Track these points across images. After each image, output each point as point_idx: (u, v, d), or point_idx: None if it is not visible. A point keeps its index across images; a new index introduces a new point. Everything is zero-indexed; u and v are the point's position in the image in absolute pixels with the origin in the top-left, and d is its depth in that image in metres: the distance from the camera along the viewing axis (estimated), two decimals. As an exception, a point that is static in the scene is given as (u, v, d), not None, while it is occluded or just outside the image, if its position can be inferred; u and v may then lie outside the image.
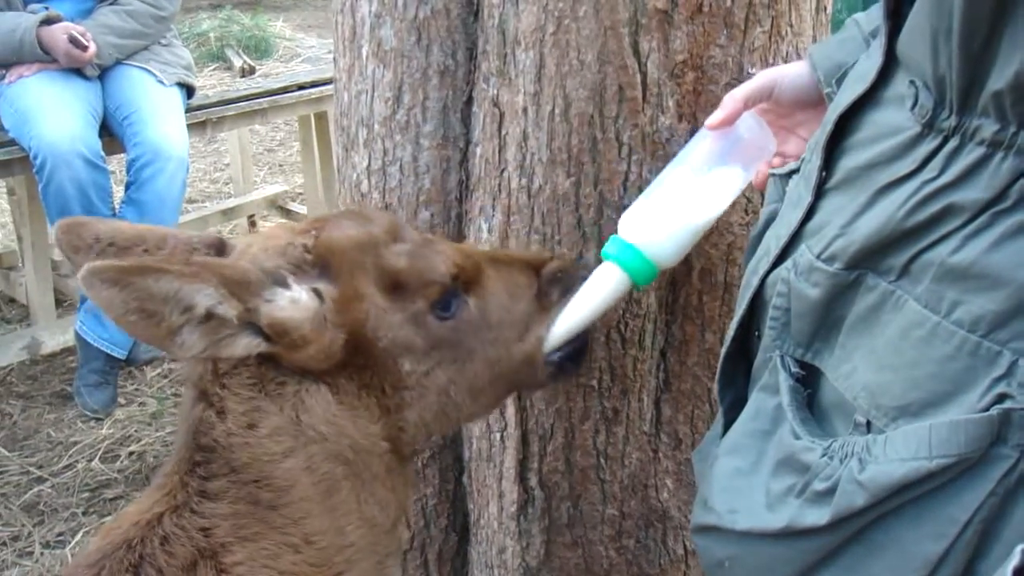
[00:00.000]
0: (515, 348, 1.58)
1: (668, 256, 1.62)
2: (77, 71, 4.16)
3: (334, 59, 2.16)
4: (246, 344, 1.34)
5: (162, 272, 1.24)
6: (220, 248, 1.51)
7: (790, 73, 1.55)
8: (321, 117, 5.03)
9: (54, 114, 3.95)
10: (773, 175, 1.57)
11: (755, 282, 1.37)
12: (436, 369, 1.50)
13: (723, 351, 1.46)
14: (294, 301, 1.37)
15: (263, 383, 1.39)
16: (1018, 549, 0.71)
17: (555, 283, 1.63)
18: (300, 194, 5.87)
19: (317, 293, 1.40)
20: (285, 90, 4.80)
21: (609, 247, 1.63)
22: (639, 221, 1.62)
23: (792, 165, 1.48)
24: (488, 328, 1.55)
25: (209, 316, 1.30)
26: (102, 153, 4.03)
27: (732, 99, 1.57)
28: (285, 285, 1.38)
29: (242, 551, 1.34)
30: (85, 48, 4.04)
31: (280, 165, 6.78)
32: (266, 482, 1.37)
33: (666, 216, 1.61)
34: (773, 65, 1.82)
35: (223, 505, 1.35)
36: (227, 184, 6.30)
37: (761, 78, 1.57)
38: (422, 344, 1.48)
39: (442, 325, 1.50)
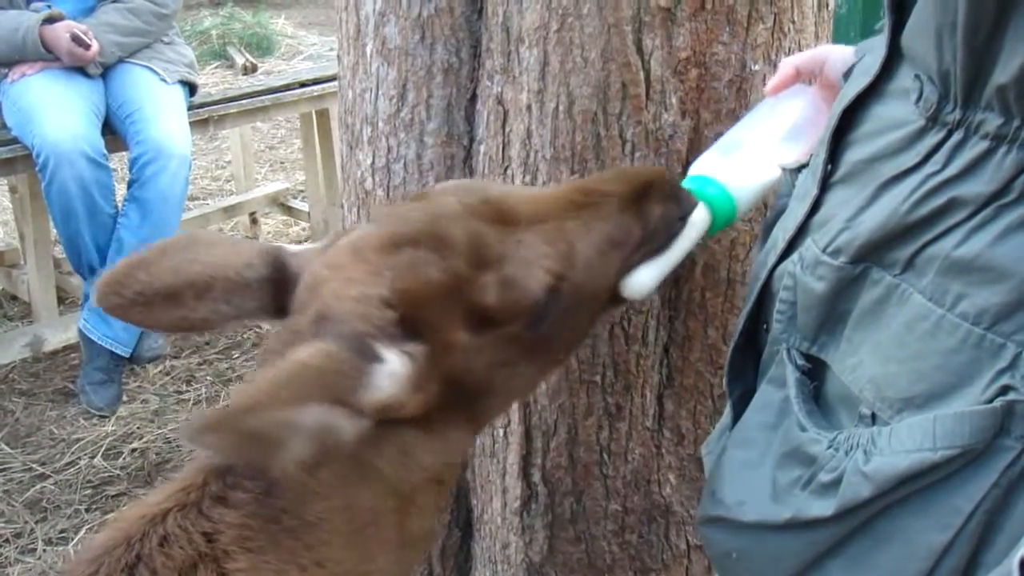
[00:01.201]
0: (600, 312, 1.49)
1: (747, 202, 1.58)
2: (80, 69, 4.17)
3: (338, 57, 2.16)
4: (353, 430, 1.21)
5: (265, 408, 1.14)
6: (277, 265, 1.40)
7: (839, 54, 1.56)
8: (323, 114, 5.04)
9: (57, 112, 3.95)
10: (784, 169, 1.58)
11: (763, 275, 1.38)
12: (523, 367, 1.42)
13: (732, 344, 1.46)
14: (390, 375, 1.24)
15: None
16: (1024, 540, 0.72)
17: (656, 235, 1.47)
18: (301, 191, 5.88)
19: (408, 355, 1.27)
20: (287, 87, 4.81)
21: (691, 184, 1.54)
22: (721, 164, 1.57)
23: (803, 159, 1.49)
24: (578, 306, 1.43)
25: (318, 431, 1.18)
26: (105, 151, 4.04)
27: (787, 64, 1.58)
28: (378, 360, 1.24)
29: (245, 560, 1.29)
30: (88, 46, 4.05)
31: (281, 162, 6.79)
32: (295, 513, 1.31)
33: (746, 164, 1.58)
34: (776, 62, 1.83)
35: (235, 514, 1.30)
36: (229, 181, 6.31)
37: (815, 51, 1.58)
38: (514, 356, 1.39)
39: (536, 334, 1.39)
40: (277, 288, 1.40)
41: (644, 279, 1.47)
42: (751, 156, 1.60)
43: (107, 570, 1.29)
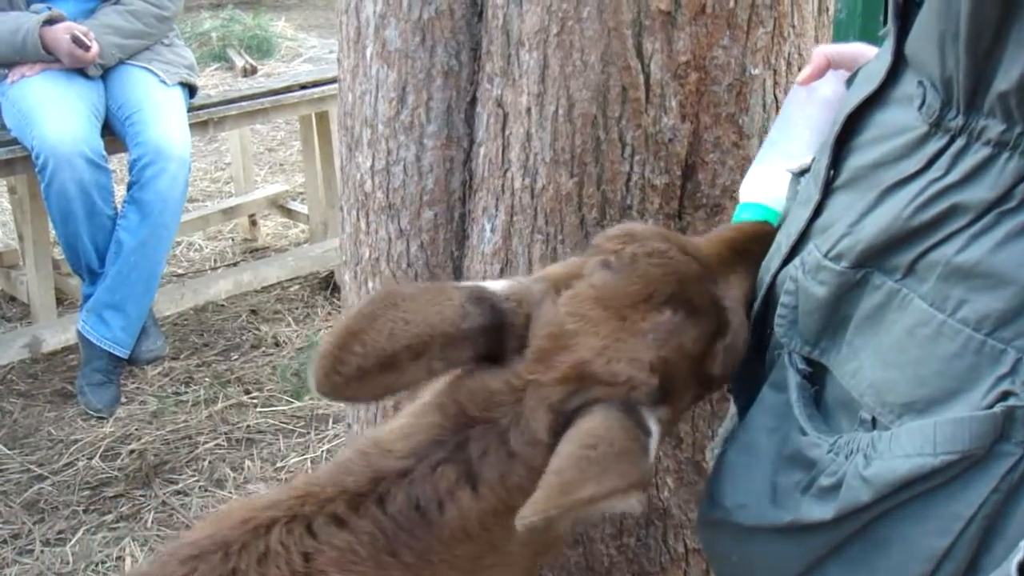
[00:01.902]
0: None
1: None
2: (80, 71, 4.17)
3: (338, 60, 2.17)
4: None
5: (598, 500, 1.15)
6: (493, 312, 1.32)
7: (872, 54, 1.56)
8: (322, 117, 5.04)
9: (56, 114, 3.95)
10: (790, 173, 1.58)
11: (767, 279, 1.38)
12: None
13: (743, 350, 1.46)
14: (652, 448, 1.26)
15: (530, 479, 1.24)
16: (1022, 543, 0.72)
17: None
18: (301, 193, 5.88)
19: (659, 422, 1.28)
20: (287, 90, 4.81)
21: (743, 213, 1.59)
22: (762, 185, 1.60)
23: (805, 163, 1.49)
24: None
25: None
26: (104, 153, 4.04)
27: (820, 53, 1.57)
28: (647, 433, 1.25)
29: None
30: (88, 48, 4.05)
31: (281, 164, 6.79)
32: (422, 552, 1.28)
33: (784, 175, 1.57)
34: (776, 66, 1.83)
35: (345, 536, 1.27)
36: (228, 183, 6.31)
37: (850, 47, 1.57)
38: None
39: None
40: (493, 335, 1.32)
41: None
42: (788, 159, 1.59)
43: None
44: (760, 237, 1.47)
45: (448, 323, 1.29)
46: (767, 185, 1.60)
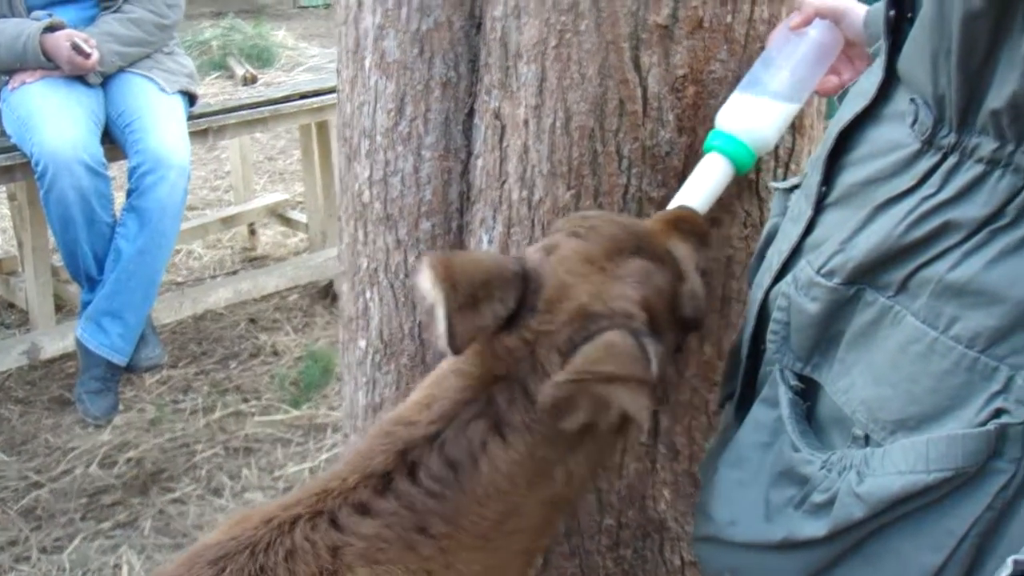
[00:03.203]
0: None
1: (766, 142, 1.71)
2: (80, 78, 4.16)
3: (337, 70, 2.17)
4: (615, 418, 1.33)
5: (623, 386, 1.28)
6: (525, 276, 1.44)
7: (859, 12, 1.59)
8: (322, 126, 5.04)
9: (56, 121, 3.95)
10: (776, 189, 1.59)
11: (759, 296, 1.38)
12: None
13: (741, 370, 1.46)
14: (651, 370, 1.34)
15: (562, 434, 1.36)
16: (1010, 560, 0.72)
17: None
18: (300, 203, 5.88)
19: (658, 359, 1.37)
20: (287, 99, 4.80)
21: (712, 140, 1.69)
22: (737, 113, 1.70)
23: (794, 180, 1.50)
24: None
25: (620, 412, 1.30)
26: (104, 160, 4.03)
27: (809, 4, 1.64)
28: (648, 357, 1.35)
29: (366, 572, 1.28)
30: (88, 55, 4.05)
31: (280, 173, 6.80)
32: (452, 517, 1.33)
33: (761, 106, 1.68)
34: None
35: (371, 524, 1.30)
36: (227, 192, 6.31)
37: (835, 2, 1.63)
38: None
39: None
40: (524, 287, 1.45)
41: None
42: (769, 96, 1.69)
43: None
44: (688, 217, 1.62)
45: (502, 266, 1.44)
46: (742, 116, 1.69)
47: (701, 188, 1.67)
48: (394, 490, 1.32)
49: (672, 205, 1.65)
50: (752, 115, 1.69)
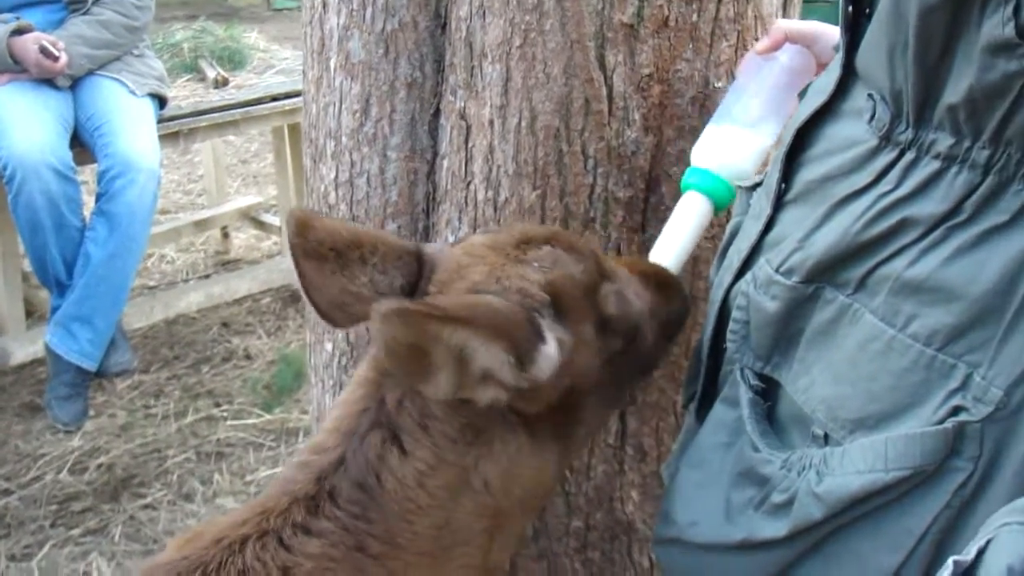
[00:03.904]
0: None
1: (744, 175, 1.66)
2: (48, 81, 4.14)
3: (303, 71, 2.15)
4: (493, 396, 1.27)
5: (465, 324, 1.19)
6: (420, 259, 1.45)
7: (828, 36, 1.57)
8: (295, 129, 5.01)
9: (24, 125, 3.92)
10: (739, 187, 1.58)
11: (720, 295, 1.37)
12: (604, 404, 1.48)
13: (702, 369, 1.45)
14: (549, 357, 1.28)
15: (464, 432, 1.32)
16: (950, 561, 0.71)
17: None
18: (273, 205, 5.85)
19: (559, 342, 1.31)
20: (259, 101, 4.78)
21: (688, 178, 1.66)
22: (711, 148, 1.67)
23: (757, 178, 1.49)
24: (640, 357, 1.50)
25: (482, 371, 1.24)
26: (72, 164, 4.01)
27: (778, 28, 1.63)
28: (542, 338, 1.28)
29: None
30: (56, 58, 4.02)
31: (254, 177, 6.77)
32: (385, 537, 1.30)
33: (735, 138, 1.65)
34: (739, 79, 1.83)
35: (316, 544, 1.27)
36: (200, 195, 6.28)
37: (809, 25, 1.62)
38: (608, 381, 1.44)
39: (626, 361, 1.45)
40: (418, 269, 1.45)
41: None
42: (743, 127, 1.66)
43: None
44: (659, 270, 1.58)
45: (392, 239, 1.46)
46: (717, 151, 1.66)
47: (683, 229, 1.63)
48: (324, 513, 1.29)
49: (655, 248, 1.61)
50: (727, 148, 1.65)
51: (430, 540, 1.32)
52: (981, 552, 0.74)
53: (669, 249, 1.61)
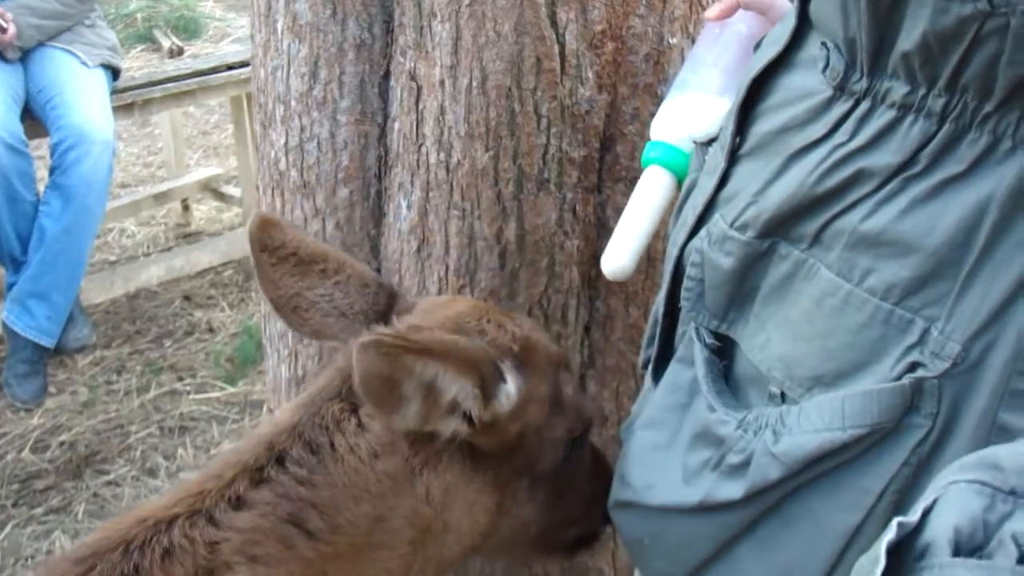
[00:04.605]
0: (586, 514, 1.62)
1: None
2: (-3, 53, 4.06)
3: (251, 35, 2.10)
4: (455, 428, 1.34)
5: (439, 359, 1.26)
6: (391, 297, 1.56)
7: (783, 3, 1.52)
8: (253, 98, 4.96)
9: (-27, 98, 3.86)
10: (695, 143, 1.55)
11: (675, 253, 1.34)
12: (535, 502, 1.51)
13: (658, 330, 1.42)
14: (508, 397, 1.38)
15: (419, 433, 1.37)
16: (894, 523, 0.69)
17: None
18: (234, 177, 5.79)
19: (518, 388, 1.40)
20: (214, 70, 4.72)
21: (649, 152, 1.60)
22: (671, 122, 1.60)
23: (712, 133, 1.46)
24: (573, 485, 1.57)
25: (449, 403, 1.31)
26: (24, 138, 3.94)
27: None
28: (504, 380, 1.38)
29: (246, 570, 1.23)
30: (3, 30, 3.95)
31: (214, 148, 6.68)
32: (328, 513, 1.30)
33: (694, 105, 1.58)
34: (694, 36, 1.79)
35: (247, 516, 1.26)
36: (160, 168, 6.20)
37: None
38: (546, 470, 1.50)
39: (562, 464, 1.52)
40: (386, 302, 1.56)
41: (623, 257, 1.52)
42: (701, 96, 1.59)
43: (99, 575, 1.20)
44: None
45: (362, 267, 1.56)
46: (677, 123, 1.59)
47: (647, 206, 1.57)
48: (267, 480, 1.29)
49: (619, 226, 1.56)
50: (686, 118, 1.59)
51: (363, 532, 1.32)
52: (927, 512, 0.71)
53: (633, 228, 1.55)
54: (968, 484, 0.72)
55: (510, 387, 1.38)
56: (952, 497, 0.71)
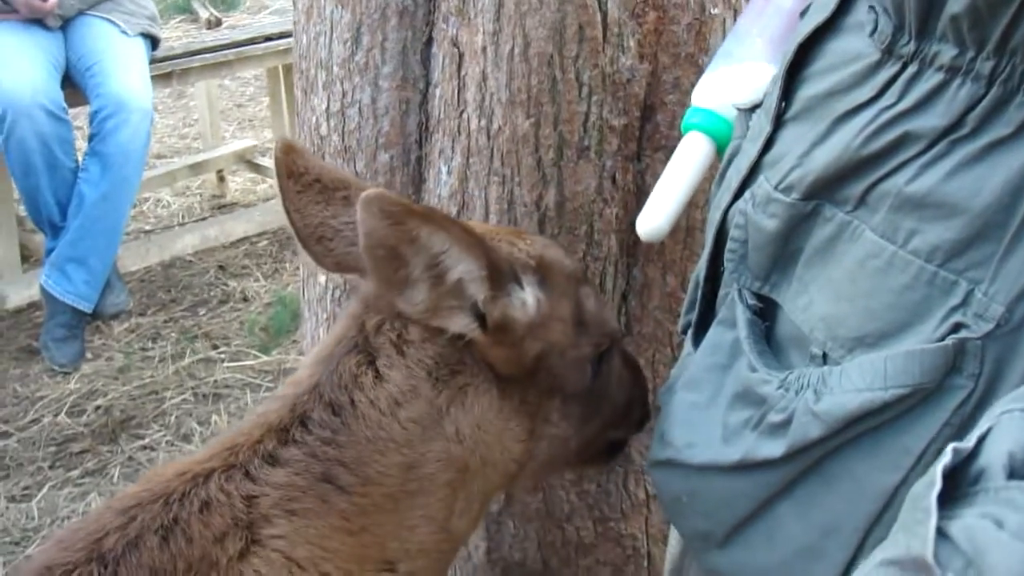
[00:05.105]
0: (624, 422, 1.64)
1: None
2: (38, 22, 4.10)
3: (293, 1, 2.11)
4: (465, 324, 1.33)
5: (444, 229, 1.24)
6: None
7: None
8: (289, 69, 4.97)
9: (15, 66, 3.89)
10: (739, 109, 1.55)
11: (718, 217, 1.35)
12: (570, 419, 1.50)
13: (699, 294, 1.43)
14: (524, 303, 1.37)
15: (439, 365, 1.36)
16: (950, 448, 0.69)
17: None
18: (269, 148, 5.81)
19: (538, 300, 1.40)
20: (252, 41, 4.74)
21: (690, 118, 1.60)
22: (714, 89, 1.60)
23: (756, 99, 1.46)
24: (606, 397, 1.56)
25: (455, 286, 1.29)
26: (64, 105, 3.98)
27: None
28: (521, 285, 1.38)
29: (286, 524, 1.25)
30: (46, -1, 3.98)
31: (250, 120, 6.71)
32: (357, 467, 1.30)
33: (738, 73, 1.58)
34: (736, 6, 1.79)
35: (282, 473, 1.27)
36: (196, 140, 6.24)
37: None
38: (574, 387, 1.48)
39: (591, 380, 1.50)
40: None
41: (658, 218, 1.52)
42: (745, 65, 1.58)
43: (140, 526, 1.22)
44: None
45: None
46: (719, 91, 1.58)
47: (684, 170, 1.57)
48: (294, 440, 1.30)
49: (655, 191, 1.56)
50: (730, 85, 1.58)
51: (396, 481, 1.32)
52: (982, 439, 0.72)
53: (670, 191, 1.55)
54: (1022, 413, 0.72)
55: (527, 296, 1.37)
56: (1006, 425, 0.72)
